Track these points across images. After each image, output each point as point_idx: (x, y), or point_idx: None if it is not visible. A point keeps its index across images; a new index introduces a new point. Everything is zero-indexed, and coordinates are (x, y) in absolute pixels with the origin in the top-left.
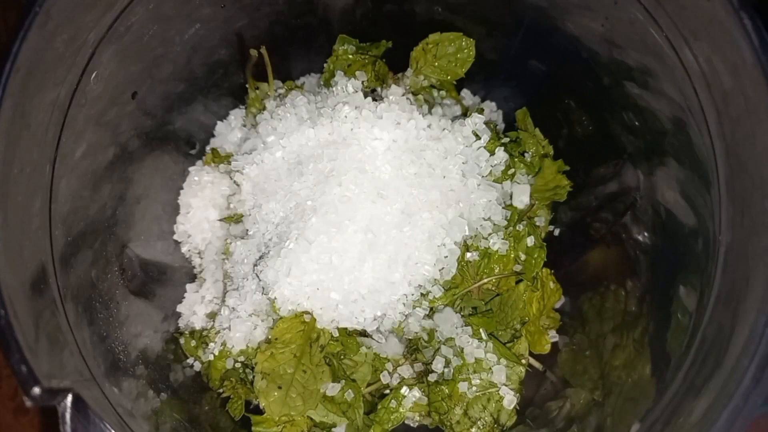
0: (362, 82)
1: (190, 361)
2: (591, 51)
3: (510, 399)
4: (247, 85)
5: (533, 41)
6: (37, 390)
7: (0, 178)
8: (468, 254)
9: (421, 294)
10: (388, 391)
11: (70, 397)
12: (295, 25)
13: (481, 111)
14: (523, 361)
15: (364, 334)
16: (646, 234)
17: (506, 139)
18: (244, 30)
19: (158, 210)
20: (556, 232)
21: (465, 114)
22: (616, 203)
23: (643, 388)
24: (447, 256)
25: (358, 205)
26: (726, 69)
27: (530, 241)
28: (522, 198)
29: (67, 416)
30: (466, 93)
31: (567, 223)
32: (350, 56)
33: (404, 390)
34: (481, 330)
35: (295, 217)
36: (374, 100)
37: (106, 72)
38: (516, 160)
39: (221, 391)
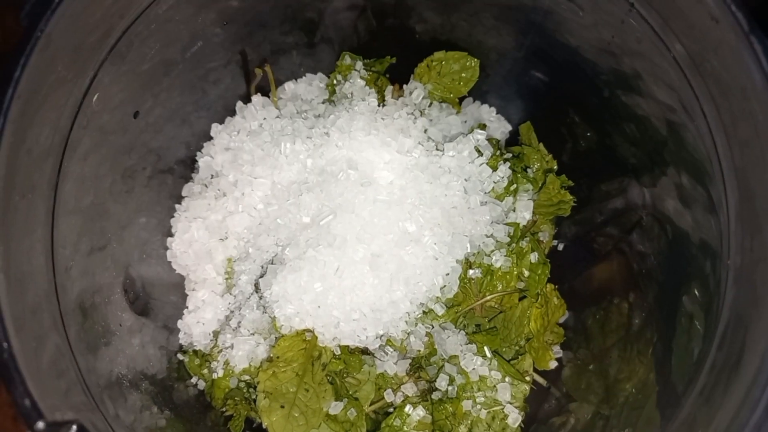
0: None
1: (194, 380)
2: (596, 66)
3: (515, 417)
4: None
5: (538, 55)
6: (41, 424)
7: (1, 205)
8: (470, 271)
9: (424, 312)
10: (391, 410)
11: (74, 429)
12: (298, 41)
13: (482, 127)
14: (528, 378)
15: (366, 352)
16: (651, 252)
17: (509, 155)
18: (247, 46)
19: (160, 229)
20: (560, 246)
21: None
22: (621, 219)
23: (648, 407)
24: (449, 274)
25: (359, 223)
26: (735, 91)
27: (534, 257)
28: (524, 214)
29: None
30: (466, 105)
31: (571, 238)
32: (354, 71)
33: (408, 408)
34: (485, 347)
35: (296, 235)
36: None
37: (108, 93)
38: (519, 175)
39: (224, 409)
